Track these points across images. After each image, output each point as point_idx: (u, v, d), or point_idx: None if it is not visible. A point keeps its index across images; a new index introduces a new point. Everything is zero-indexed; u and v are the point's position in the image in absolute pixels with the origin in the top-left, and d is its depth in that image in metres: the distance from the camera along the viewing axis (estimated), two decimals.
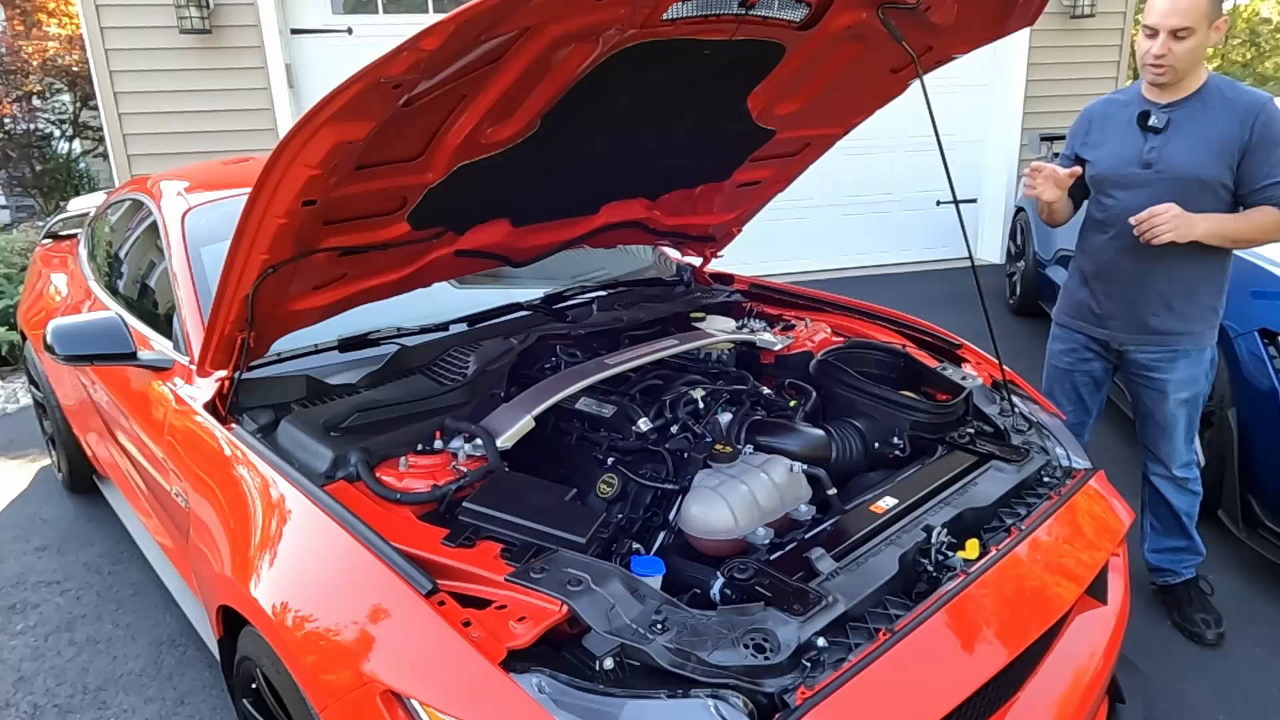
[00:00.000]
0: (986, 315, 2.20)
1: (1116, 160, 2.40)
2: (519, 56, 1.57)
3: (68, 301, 3.37)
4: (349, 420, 1.89)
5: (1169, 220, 2.21)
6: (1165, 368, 2.46)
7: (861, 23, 1.94)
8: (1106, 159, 2.42)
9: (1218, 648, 2.56)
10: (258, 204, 1.57)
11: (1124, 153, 2.38)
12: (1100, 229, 2.49)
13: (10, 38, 8.61)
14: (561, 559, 1.50)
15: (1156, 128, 2.32)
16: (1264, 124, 2.22)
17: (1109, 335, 2.53)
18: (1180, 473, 2.56)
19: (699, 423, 2.09)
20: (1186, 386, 2.47)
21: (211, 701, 2.47)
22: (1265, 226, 2.28)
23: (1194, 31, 2.19)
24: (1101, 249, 2.48)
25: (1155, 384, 2.49)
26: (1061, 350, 2.67)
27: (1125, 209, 2.36)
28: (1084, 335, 2.60)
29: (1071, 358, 2.64)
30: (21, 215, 9.20)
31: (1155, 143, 2.32)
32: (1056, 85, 6.89)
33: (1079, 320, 2.60)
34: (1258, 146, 2.23)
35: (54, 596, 3.01)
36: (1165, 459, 2.56)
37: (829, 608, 1.45)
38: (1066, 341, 2.65)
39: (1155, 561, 2.72)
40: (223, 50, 5.58)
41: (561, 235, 2.45)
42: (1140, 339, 2.47)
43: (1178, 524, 2.62)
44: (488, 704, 1.26)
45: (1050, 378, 2.72)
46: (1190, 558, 2.67)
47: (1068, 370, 2.65)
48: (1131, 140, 2.37)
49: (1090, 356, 2.61)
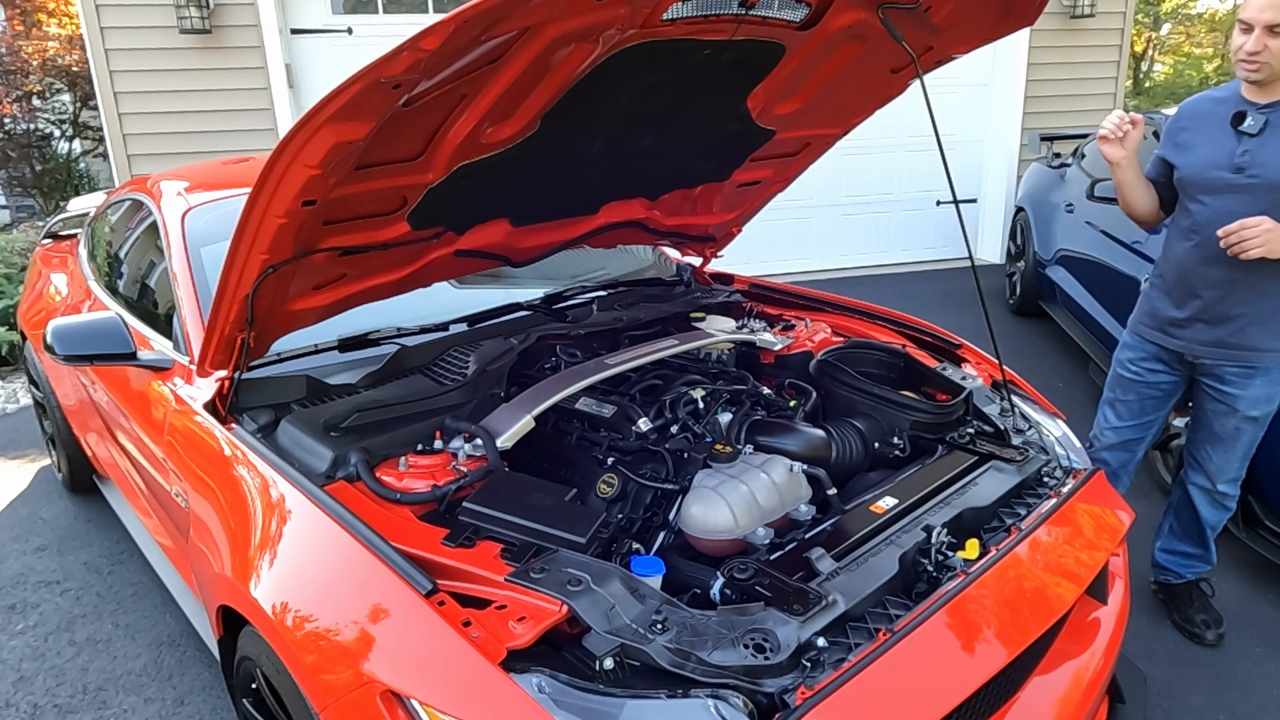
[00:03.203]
0: (986, 315, 2.20)
1: (1205, 163, 2.24)
2: (519, 56, 1.57)
3: (68, 301, 3.36)
4: (349, 420, 1.89)
5: (1261, 234, 2.07)
6: (1240, 384, 2.34)
7: (861, 23, 1.94)
8: (1195, 161, 2.26)
9: (1218, 648, 2.56)
10: (258, 204, 1.57)
11: (1214, 156, 2.23)
12: (1185, 236, 2.33)
13: (10, 38, 8.61)
14: (561, 559, 1.50)
15: (1251, 131, 2.17)
16: None
17: (1184, 346, 2.39)
18: (1224, 488, 2.49)
19: (699, 423, 2.09)
20: (1260, 405, 2.36)
21: (211, 701, 2.47)
22: None
23: None
24: (1185, 257, 2.33)
25: (1226, 398, 2.38)
26: (1131, 359, 2.53)
27: (1212, 216, 2.23)
28: (1156, 345, 2.46)
29: (1140, 367, 2.50)
30: (21, 215, 9.21)
31: (1249, 146, 2.17)
32: (1056, 85, 6.89)
33: (1154, 330, 2.46)
34: None
35: (54, 596, 3.01)
36: (1213, 472, 2.47)
37: (829, 608, 1.45)
38: (1138, 350, 2.51)
39: (1163, 560, 2.70)
40: (223, 50, 5.58)
41: (561, 235, 2.45)
42: (1217, 353, 2.34)
43: (1199, 533, 2.58)
44: (488, 704, 1.26)
45: (1114, 384, 2.58)
46: (1200, 565, 2.64)
47: (1134, 380, 2.52)
48: (1223, 142, 2.22)
49: (1160, 369, 2.47)
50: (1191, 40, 16.11)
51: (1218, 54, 14.93)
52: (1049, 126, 6.44)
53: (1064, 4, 6.72)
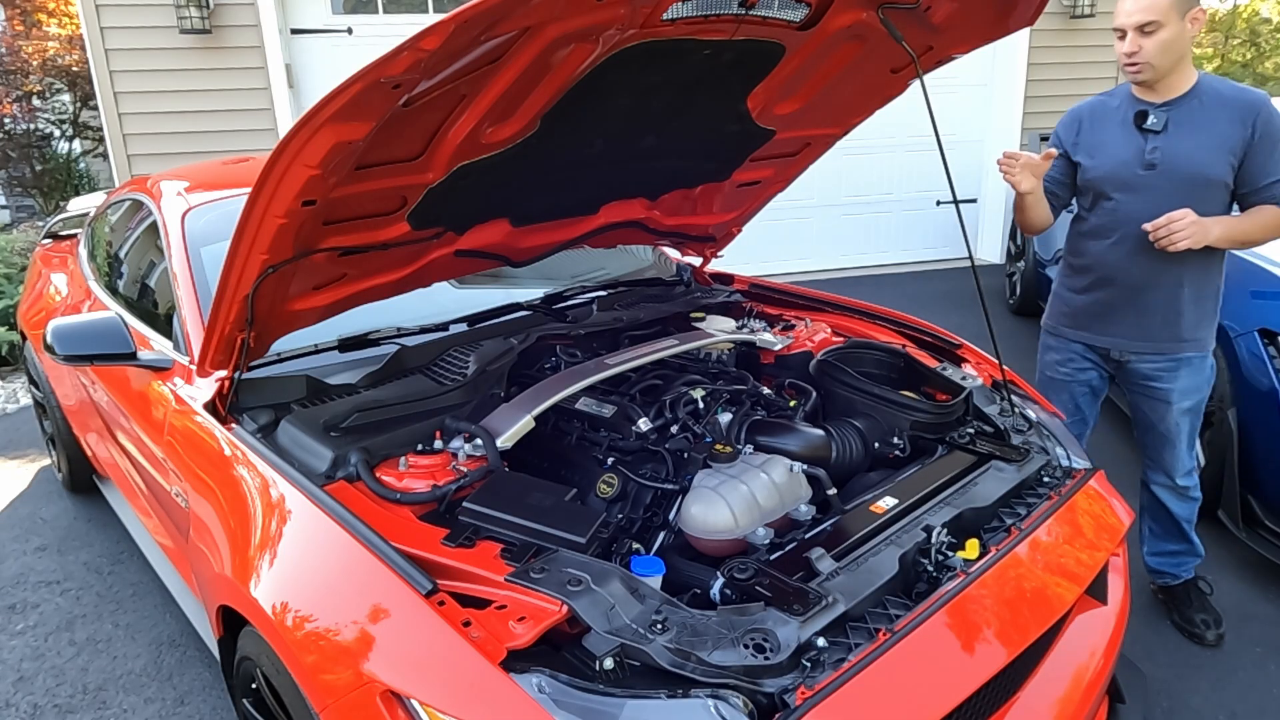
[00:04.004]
0: (986, 315, 2.20)
1: (1118, 162, 2.34)
2: (519, 56, 1.57)
3: (68, 301, 3.37)
4: (349, 420, 1.88)
5: (1187, 226, 2.17)
6: (1169, 377, 2.41)
7: (861, 23, 1.94)
8: (1108, 161, 2.36)
9: (1218, 648, 2.56)
10: (258, 204, 1.57)
11: (1125, 154, 2.33)
12: (1100, 234, 2.41)
13: (10, 38, 8.61)
14: (561, 559, 1.50)
15: (1155, 129, 2.28)
16: (1265, 121, 2.21)
17: (1111, 343, 2.46)
18: (1183, 481, 2.53)
19: (699, 423, 2.09)
20: (1190, 395, 2.43)
21: (211, 701, 2.47)
22: (1269, 226, 2.26)
23: (1162, 25, 2.18)
24: (1104, 255, 2.41)
25: (1159, 394, 2.44)
26: (1057, 360, 2.59)
27: (1129, 212, 2.32)
28: (1081, 344, 2.53)
29: (1069, 368, 2.56)
30: (21, 215, 9.21)
31: (1157, 143, 2.28)
32: (1056, 85, 6.89)
33: (1077, 329, 2.53)
34: (1260, 144, 2.22)
35: (54, 596, 3.01)
36: (1168, 469, 2.52)
37: (829, 608, 1.45)
38: (1062, 351, 2.58)
39: (1155, 564, 2.72)
40: (223, 50, 5.58)
41: (561, 235, 2.45)
42: (1146, 347, 2.41)
43: (1177, 529, 2.61)
44: (488, 704, 1.26)
45: (1044, 388, 2.63)
46: (1189, 559, 2.66)
47: (1065, 381, 2.57)
48: (1131, 141, 2.32)
49: (1088, 366, 2.54)
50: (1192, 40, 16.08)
51: (1218, 54, 14.93)
52: (1049, 126, 6.41)
53: (1064, 4, 6.72)
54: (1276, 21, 15.08)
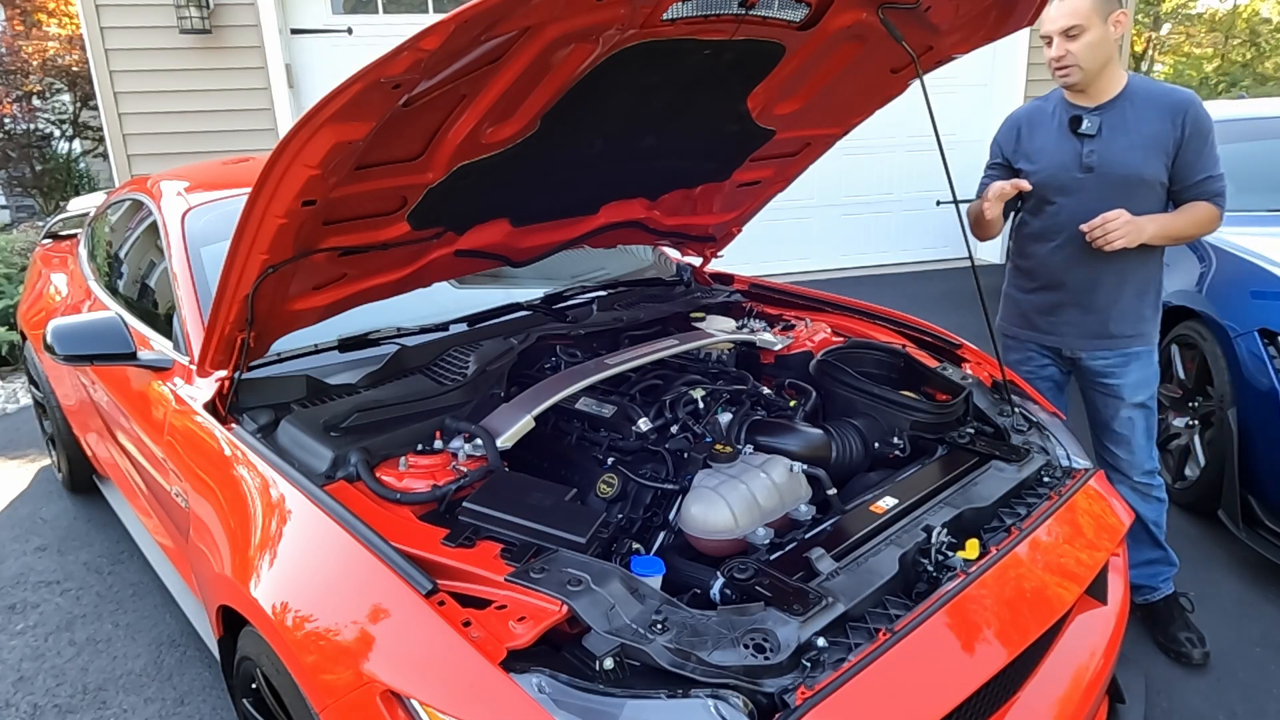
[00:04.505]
0: (986, 315, 2.20)
1: (1056, 166, 2.39)
2: (519, 56, 1.57)
3: (68, 301, 3.37)
4: (349, 420, 1.88)
5: (1121, 226, 2.24)
6: (1119, 372, 2.46)
7: (861, 23, 1.94)
8: (1048, 166, 2.41)
9: (1204, 668, 2.49)
10: (258, 204, 1.57)
11: (1062, 159, 2.38)
12: (1043, 238, 2.47)
13: (10, 38, 8.62)
14: (561, 559, 1.50)
15: (1090, 133, 2.33)
16: (1194, 120, 2.27)
17: (1061, 342, 2.52)
18: (1142, 479, 2.52)
19: (699, 423, 2.09)
20: (1141, 389, 2.47)
21: (211, 701, 2.47)
22: (1202, 221, 2.33)
23: (1085, 29, 2.23)
24: (1048, 257, 2.47)
25: (1111, 390, 2.48)
26: (1018, 360, 2.65)
27: (1069, 214, 2.37)
28: (1035, 343, 2.59)
29: (1030, 366, 2.62)
30: (21, 215, 9.21)
31: (1093, 146, 2.34)
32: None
33: (1028, 329, 2.60)
34: (1190, 142, 2.28)
35: (54, 596, 3.01)
36: (1125, 468, 2.53)
37: (829, 608, 1.45)
38: (1020, 350, 2.64)
39: (1131, 578, 2.62)
40: (223, 50, 5.58)
41: (561, 235, 2.45)
42: (1094, 344, 2.47)
43: (1147, 535, 2.56)
44: (488, 704, 1.26)
45: None
46: (1165, 569, 2.60)
47: (1029, 379, 2.59)
48: (1068, 145, 2.37)
49: (1046, 362, 2.60)
50: (1191, 40, 16.12)
51: (1218, 54, 14.94)
52: None
53: None
54: (1276, 21, 15.09)
